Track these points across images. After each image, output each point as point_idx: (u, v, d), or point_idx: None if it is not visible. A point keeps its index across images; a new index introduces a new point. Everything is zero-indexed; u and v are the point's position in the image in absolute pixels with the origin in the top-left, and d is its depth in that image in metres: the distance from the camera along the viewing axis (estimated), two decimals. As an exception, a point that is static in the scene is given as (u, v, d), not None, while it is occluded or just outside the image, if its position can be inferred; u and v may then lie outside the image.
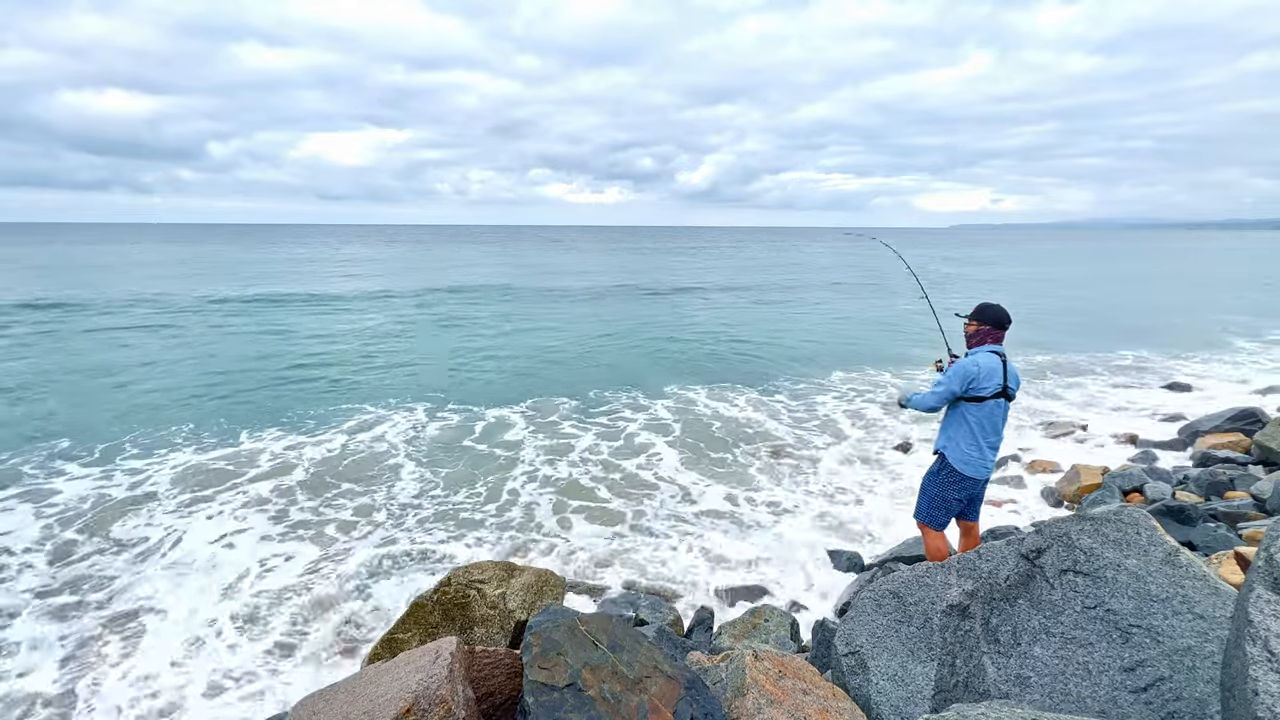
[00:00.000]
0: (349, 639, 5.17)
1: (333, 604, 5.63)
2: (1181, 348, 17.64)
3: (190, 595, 5.81)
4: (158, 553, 6.54)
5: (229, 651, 5.01)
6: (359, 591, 5.82)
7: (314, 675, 4.74)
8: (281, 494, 7.95)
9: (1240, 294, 32.89)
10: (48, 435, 10.04)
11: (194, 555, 6.49)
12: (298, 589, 5.85)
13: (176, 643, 5.14)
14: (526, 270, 45.18)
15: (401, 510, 7.56)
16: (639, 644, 2.76)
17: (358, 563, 6.29)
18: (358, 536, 6.90)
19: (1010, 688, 2.69)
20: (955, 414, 4.13)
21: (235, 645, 5.09)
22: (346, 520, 7.28)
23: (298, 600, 5.65)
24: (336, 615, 5.46)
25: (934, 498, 4.27)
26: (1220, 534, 5.12)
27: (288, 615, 5.45)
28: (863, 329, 21.82)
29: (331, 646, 5.07)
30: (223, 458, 9.13)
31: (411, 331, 20.52)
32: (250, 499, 7.78)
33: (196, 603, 5.70)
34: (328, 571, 6.16)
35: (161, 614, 5.54)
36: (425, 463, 9.08)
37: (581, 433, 10.44)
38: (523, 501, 7.86)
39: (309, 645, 5.11)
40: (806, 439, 10.13)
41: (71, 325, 20.19)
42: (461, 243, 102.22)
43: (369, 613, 5.50)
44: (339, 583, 5.92)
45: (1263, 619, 1.75)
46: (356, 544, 6.72)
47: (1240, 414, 8.58)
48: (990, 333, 4.08)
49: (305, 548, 6.69)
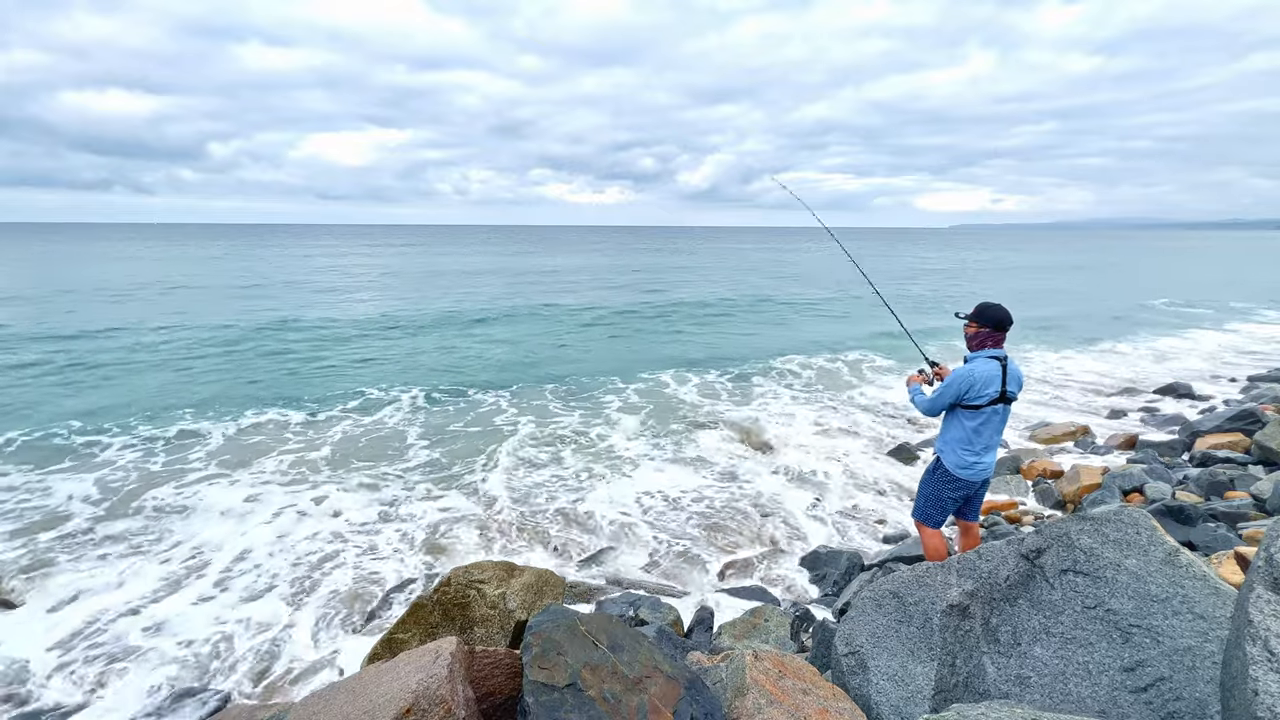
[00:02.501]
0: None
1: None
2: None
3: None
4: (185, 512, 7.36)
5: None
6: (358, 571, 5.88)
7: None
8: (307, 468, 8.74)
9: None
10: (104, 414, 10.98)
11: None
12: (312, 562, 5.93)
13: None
14: (533, 283, 45.02)
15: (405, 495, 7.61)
16: (639, 644, 2.76)
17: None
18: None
19: (1010, 688, 2.69)
20: (952, 419, 4.13)
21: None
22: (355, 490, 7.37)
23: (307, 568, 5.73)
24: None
25: (930, 497, 4.28)
26: (1220, 534, 5.12)
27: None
28: (860, 326, 21.90)
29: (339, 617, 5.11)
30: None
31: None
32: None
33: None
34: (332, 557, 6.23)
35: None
36: (432, 445, 9.19)
37: (588, 428, 10.48)
38: (525, 499, 7.87)
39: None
40: (808, 438, 10.14)
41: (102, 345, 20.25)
42: (462, 245, 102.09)
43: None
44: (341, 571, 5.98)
45: (1263, 619, 1.75)
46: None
47: (1240, 414, 8.58)
48: (990, 335, 4.01)
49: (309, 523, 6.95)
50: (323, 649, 5.12)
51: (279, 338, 18.78)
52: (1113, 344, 18.87)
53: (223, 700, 4.44)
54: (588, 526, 7.23)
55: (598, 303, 27.34)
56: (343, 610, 5.62)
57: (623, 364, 15.78)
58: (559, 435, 10.36)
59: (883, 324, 20.73)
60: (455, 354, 17.08)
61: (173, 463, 8.98)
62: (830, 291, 33.35)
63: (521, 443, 9.97)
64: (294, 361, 15.88)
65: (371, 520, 7.30)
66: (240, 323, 21.07)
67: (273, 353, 16.73)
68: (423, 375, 14.47)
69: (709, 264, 57.01)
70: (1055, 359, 16.24)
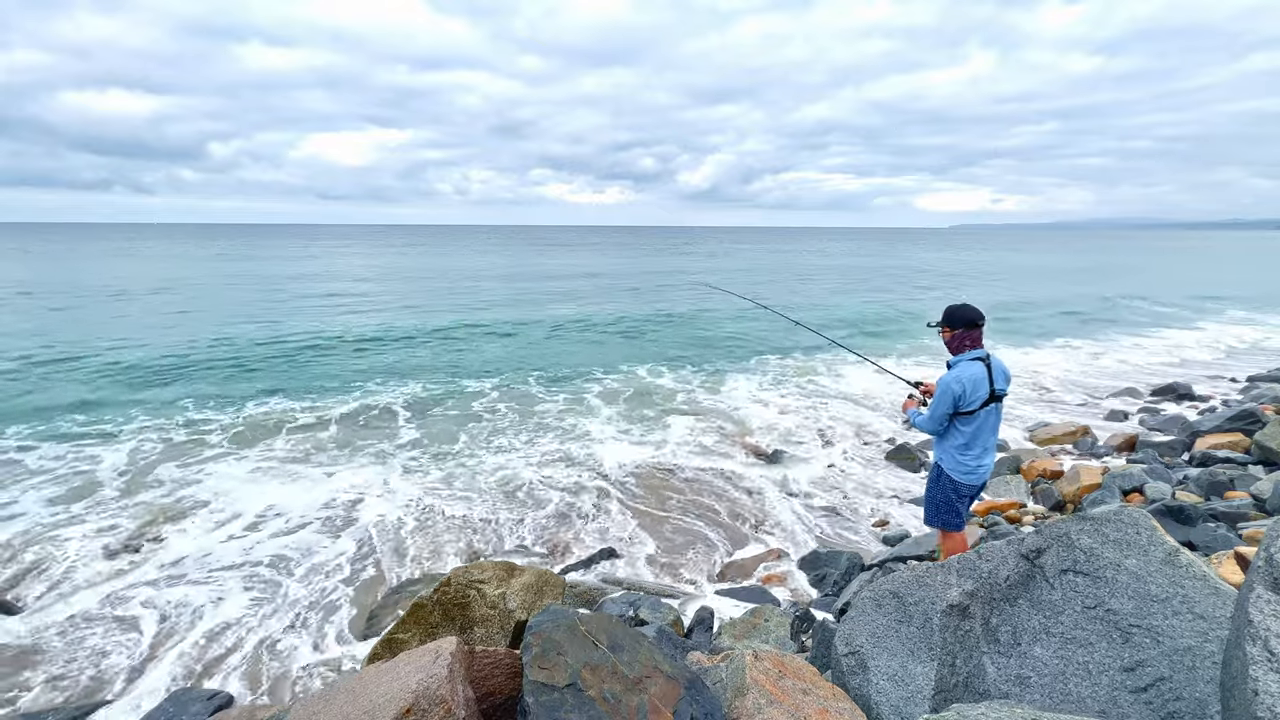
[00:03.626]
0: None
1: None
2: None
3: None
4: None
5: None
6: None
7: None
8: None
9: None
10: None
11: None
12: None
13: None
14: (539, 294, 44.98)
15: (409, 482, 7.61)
16: (639, 644, 2.76)
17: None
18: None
19: (1010, 688, 2.69)
20: (948, 427, 4.14)
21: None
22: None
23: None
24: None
25: (940, 503, 4.28)
26: (1220, 534, 5.12)
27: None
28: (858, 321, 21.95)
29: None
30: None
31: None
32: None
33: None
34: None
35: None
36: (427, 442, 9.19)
37: (594, 426, 10.49)
38: (528, 497, 7.87)
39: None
40: (807, 438, 10.14)
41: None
42: (463, 245, 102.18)
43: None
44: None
45: (1263, 619, 1.75)
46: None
47: (1240, 414, 8.59)
48: (967, 334, 3.99)
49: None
50: (323, 649, 5.13)
51: (278, 333, 18.82)
52: (1112, 341, 18.98)
53: (224, 700, 4.45)
54: (588, 525, 7.24)
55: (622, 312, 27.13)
56: (342, 611, 5.62)
57: (613, 360, 15.95)
58: (559, 432, 10.38)
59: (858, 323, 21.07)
60: (453, 353, 17.15)
61: (173, 462, 8.99)
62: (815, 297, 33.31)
63: (520, 441, 9.98)
64: (294, 356, 16.07)
65: (371, 520, 7.30)
66: (241, 321, 21.11)
67: (272, 348, 16.83)
68: (419, 371, 14.58)
69: (712, 266, 57.01)
70: (1055, 358, 16.30)
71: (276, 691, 4.65)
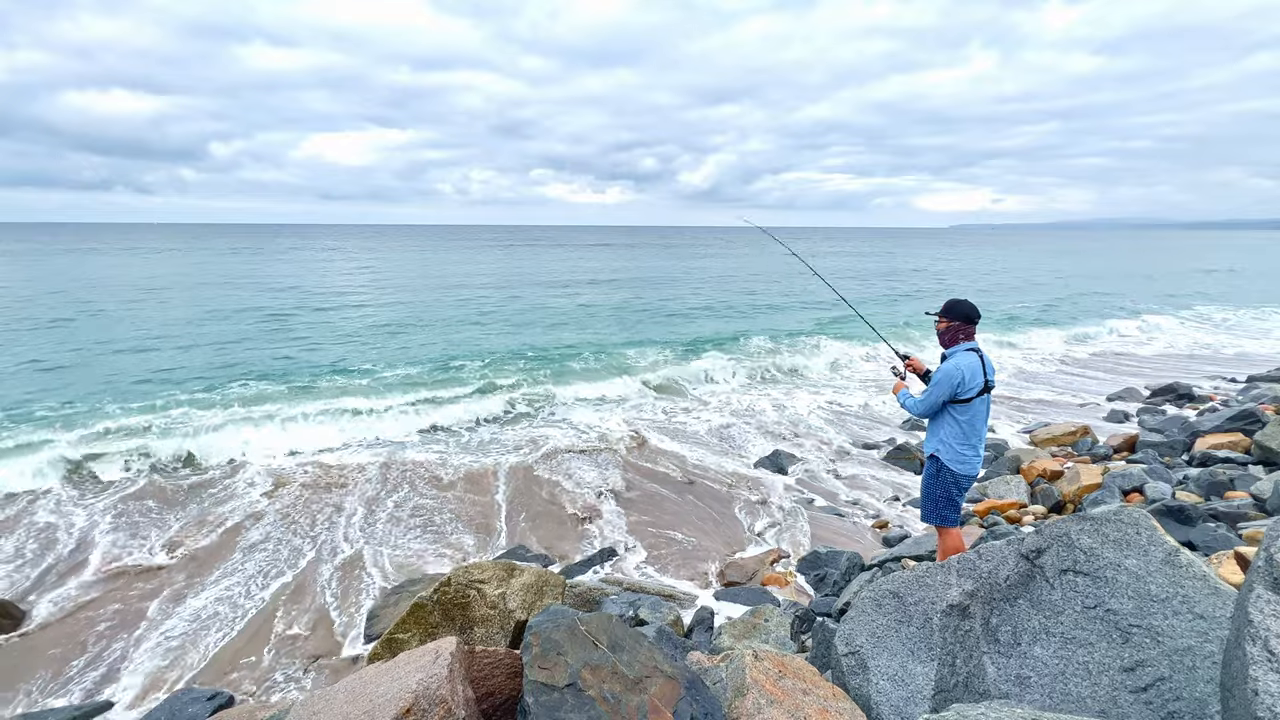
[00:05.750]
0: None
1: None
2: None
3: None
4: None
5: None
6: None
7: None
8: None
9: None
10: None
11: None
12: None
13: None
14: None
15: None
16: (639, 644, 2.76)
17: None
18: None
19: (1010, 688, 2.69)
20: (943, 416, 4.15)
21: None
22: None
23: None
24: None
25: (939, 499, 4.28)
26: (1220, 534, 5.11)
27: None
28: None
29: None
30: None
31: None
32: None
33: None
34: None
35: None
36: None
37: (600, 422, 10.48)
38: (524, 495, 7.87)
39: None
40: (807, 438, 10.14)
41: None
42: (463, 245, 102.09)
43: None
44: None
45: (1263, 619, 1.75)
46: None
47: (1240, 414, 8.57)
48: (961, 328, 4.10)
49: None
50: (323, 649, 5.12)
51: (279, 330, 18.85)
52: (1110, 341, 19.00)
53: (224, 700, 4.45)
54: (588, 525, 7.23)
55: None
56: (343, 611, 5.62)
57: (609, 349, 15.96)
58: (559, 431, 10.38)
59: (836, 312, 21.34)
60: (452, 349, 17.16)
61: (173, 462, 8.98)
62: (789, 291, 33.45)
63: (520, 441, 9.98)
64: (295, 348, 16.10)
65: (370, 520, 7.30)
66: (244, 316, 21.13)
67: (274, 338, 16.85)
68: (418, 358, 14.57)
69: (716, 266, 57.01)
70: (1052, 356, 16.29)
71: (276, 691, 4.65)
